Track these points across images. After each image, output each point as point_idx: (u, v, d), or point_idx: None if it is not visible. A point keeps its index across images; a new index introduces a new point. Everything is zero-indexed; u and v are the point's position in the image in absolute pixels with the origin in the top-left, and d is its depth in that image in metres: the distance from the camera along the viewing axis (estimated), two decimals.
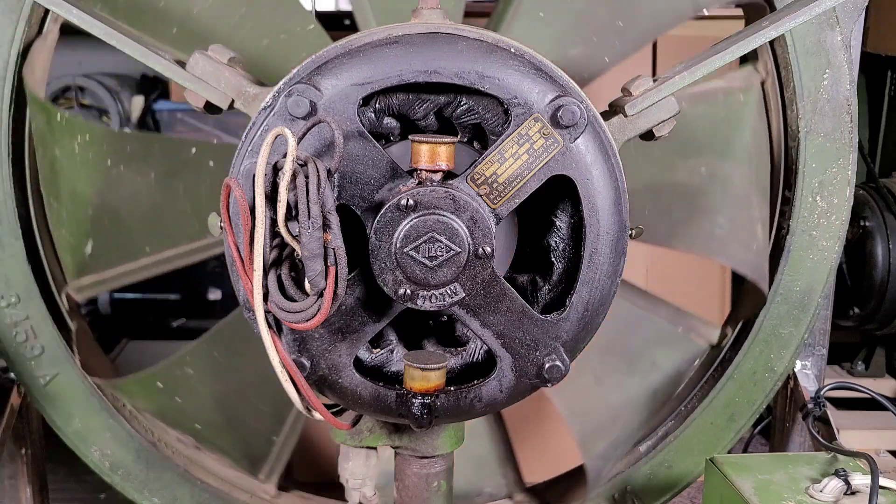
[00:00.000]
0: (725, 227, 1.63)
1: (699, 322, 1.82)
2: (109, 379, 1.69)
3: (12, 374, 1.66)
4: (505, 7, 1.59)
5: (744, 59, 1.66)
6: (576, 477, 1.82)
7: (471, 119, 1.09)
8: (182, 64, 1.17)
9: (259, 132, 1.05)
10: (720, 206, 1.62)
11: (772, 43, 1.56)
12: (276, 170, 0.96)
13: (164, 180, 1.62)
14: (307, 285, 0.97)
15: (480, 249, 1.01)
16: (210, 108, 1.19)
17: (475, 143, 1.14)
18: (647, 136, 1.21)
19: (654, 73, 2.21)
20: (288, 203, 0.95)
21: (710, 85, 1.62)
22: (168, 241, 1.64)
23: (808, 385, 2.00)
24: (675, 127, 1.21)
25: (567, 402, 1.72)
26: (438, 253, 1.01)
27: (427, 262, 1.01)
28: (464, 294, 1.03)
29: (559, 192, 1.09)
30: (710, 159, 1.63)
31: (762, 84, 1.62)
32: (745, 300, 1.70)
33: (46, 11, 1.47)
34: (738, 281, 2.58)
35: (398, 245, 1.01)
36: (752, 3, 1.58)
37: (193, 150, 1.63)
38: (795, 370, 1.87)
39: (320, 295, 0.97)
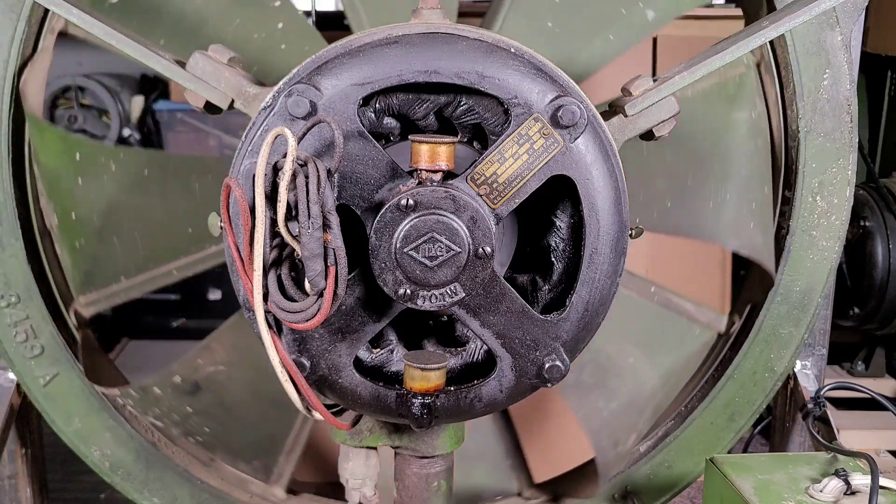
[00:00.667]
0: (726, 210, 1.62)
1: (706, 311, 1.80)
2: (121, 386, 1.69)
3: (12, 374, 1.66)
4: (498, 5, 1.59)
5: None
6: (585, 470, 1.80)
7: (471, 119, 1.09)
8: (182, 64, 1.17)
9: (259, 132, 1.05)
10: (719, 189, 1.61)
11: (772, 43, 1.56)
12: (276, 170, 0.96)
13: (178, 195, 1.64)
14: (307, 285, 0.97)
15: (480, 249, 1.02)
16: (210, 108, 1.19)
17: (475, 143, 1.14)
18: (647, 136, 1.21)
19: (654, 73, 2.21)
20: (288, 203, 0.95)
21: None
22: (170, 254, 1.65)
23: (808, 385, 2.00)
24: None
25: (576, 398, 1.71)
26: (438, 253, 1.01)
27: (427, 262, 1.01)
28: (464, 294, 1.03)
29: (559, 192, 1.09)
30: (705, 141, 1.63)
31: (758, 65, 1.61)
32: (752, 284, 1.69)
33: (46, 11, 1.47)
34: (739, 276, 2.60)
35: (398, 245, 1.01)
36: None
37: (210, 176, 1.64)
38: (795, 370, 1.87)
39: (320, 295, 0.97)
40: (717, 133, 1.62)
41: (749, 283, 1.73)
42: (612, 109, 1.22)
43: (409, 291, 1.02)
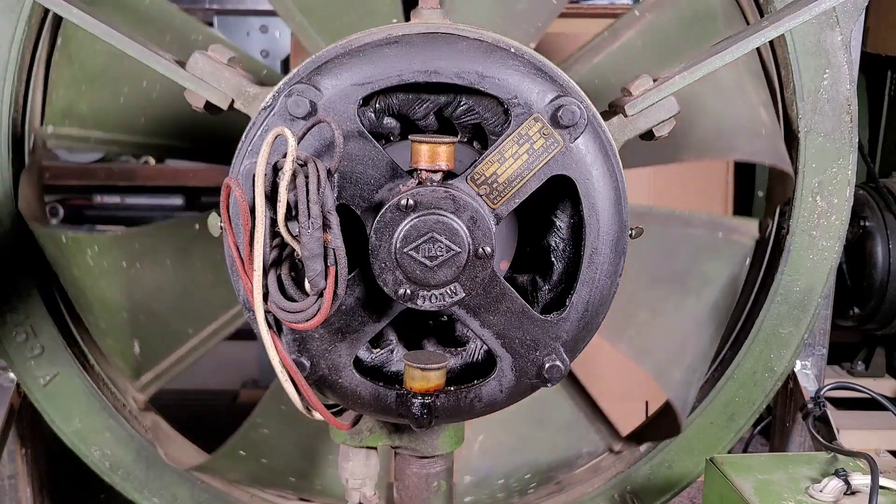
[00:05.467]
0: (727, 122, 1.59)
1: (736, 221, 1.77)
2: (198, 464, 1.70)
3: (12, 374, 1.66)
4: None
5: None
6: (667, 413, 1.78)
7: (471, 119, 1.09)
8: (182, 64, 1.17)
9: (259, 132, 1.05)
10: (715, 102, 1.58)
11: (772, 43, 1.56)
12: (276, 170, 0.96)
13: (181, 262, 1.65)
14: (307, 285, 0.97)
15: (480, 249, 1.01)
16: (210, 108, 1.19)
17: (475, 143, 1.14)
18: (647, 135, 1.21)
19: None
20: (288, 203, 0.95)
21: None
22: (205, 318, 1.67)
23: (808, 385, 2.00)
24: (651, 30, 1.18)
25: (631, 343, 1.67)
26: (438, 253, 1.01)
27: (427, 262, 1.01)
28: (464, 294, 1.03)
29: (559, 192, 1.09)
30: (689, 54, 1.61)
31: None
32: (775, 186, 1.67)
33: (46, 11, 1.47)
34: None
35: (398, 245, 1.01)
36: None
37: (197, 226, 1.65)
38: (795, 370, 1.87)
39: (320, 295, 0.97)
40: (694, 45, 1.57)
41: (773, 187, 1.70)
42: (612, 109, 1.22)
43: (409, 291, 1.02)
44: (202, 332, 1.68)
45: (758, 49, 1.57)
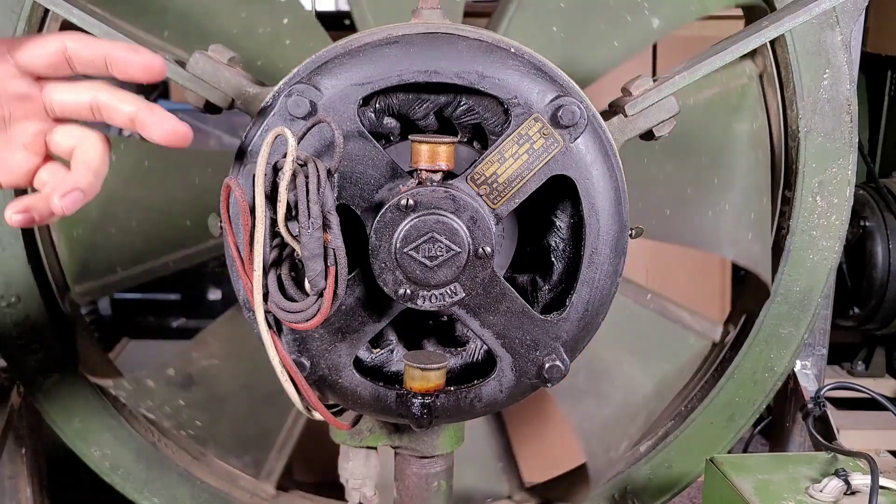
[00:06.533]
0: (724, 220, 1.62)
1: (701, 320, 1.81)
2: (114, 378, 1.68)
3: (12, 374, 1.66)
4: (503, 9, 1.59)
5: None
6: (577, 475, 1.81)
7: (471, 119, 1.09)
8: (182, 64, 1.17)
9: (259, 132, 1.05)
10: (718, 199, 1.62)
11: (772, 43, 1.56)
12: (276, 170, 0.96)
13: (161, 184, 1.63)
14: (307, 285, 0.97)
15: (480, 249, 1.01)
16: (210, 108, 1.19)
17: (475, 143, 1.14)
18: (647, 135, 1.21)
19: (654, 73, 2.21)
20: (288, 203, 0.95)
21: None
22: (167, 246, 1.65)
23: (808, 385, 2.00)
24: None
25: (569, 402, 1.72)
26: (438, 253, 1.01)
27: (427, 262, 1.01)
28: (464, 294, 1.03)
29: (559, 192, 1.09)
30: (706, 152, 1.63)
31: (760, 76, 1.61)
32: (748, 294, 1.70)
33: (46, 11, 1.47)
34: (739, 280, 2.59)
35: (398, 245, 1.01)
36: (752, 4, 1.57)
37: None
38: (795, 370, 1.87)
39: (320, 295, 0.97)
40: (718, 144, 1.62)
41: (745, 293, 1.73)
42: (612, 109, 1.22)
43: (409, 291, 1.02)
44: (159, 259, 1.66)
45: (758, 49, 1.57)
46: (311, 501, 1.86)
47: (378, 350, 1.15)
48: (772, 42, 1.55)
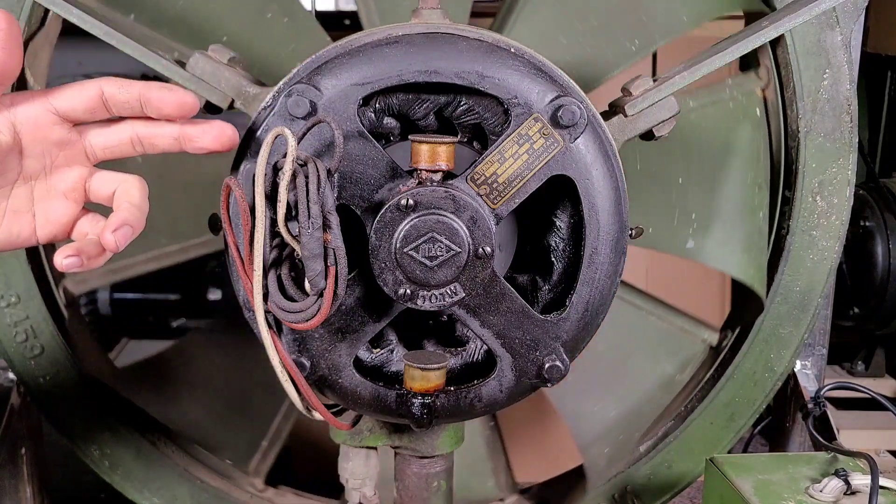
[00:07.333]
0: (720, 232, 1.63)
1: (698, 324, 1.82)
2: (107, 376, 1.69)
3: (12, 374, 1.66)
4: (509, 8, 1.59)
5: (744, 65, 1.67)
6: (572, 477, 1.82)
7: (471, 119, 1.09)
8: (182, 64, 1.17)
9: (259, 132, 1.05)
10: (715, 213, 1.63)
11: (772, 43, 1.56)
12: (276, 170, 0.96)
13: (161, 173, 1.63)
14: (307, 285, 0.97)
15: (480, 249, 1.02)
16: (210, 107, 1.19)
17: (475, 143, 1.14)
18: (647, 135, 1.21)
19: (654, 73, 2.21)
20: (288, 203, 0.95)
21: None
22: (167, 238, 1.66)
23: (808, 385, 2.00)
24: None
25: (566, 403, 1.72)
26: (438, 253, 1.01)
27: (427, 262, 1.01)
28: (464, 294, 1.03)
29: (559, 192, 1.09)
30: (704, 161, 1.63)
31: (763, 91, 1.61)
32: (743, 306, 1.70)
33: (46, 11, 1.47)
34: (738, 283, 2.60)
35: (398, 245, 1.01)
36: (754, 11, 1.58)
37: None
38: (795, 370, 1.87)
39: (320, 295, 0.97)
40: (717, 151, 1.62)
41: (741, 304, 1.73)
42: (612, 109, 1.22)
43: (409, 291, 1.02)
44: (158, 249, 1.67)
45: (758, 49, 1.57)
46: (303, 498, 1.86)
47: (378, 350, 1.15)
48: (772, 42, 1.55)
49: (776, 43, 1.55)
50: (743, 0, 1.59)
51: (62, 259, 0.89)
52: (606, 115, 1.19)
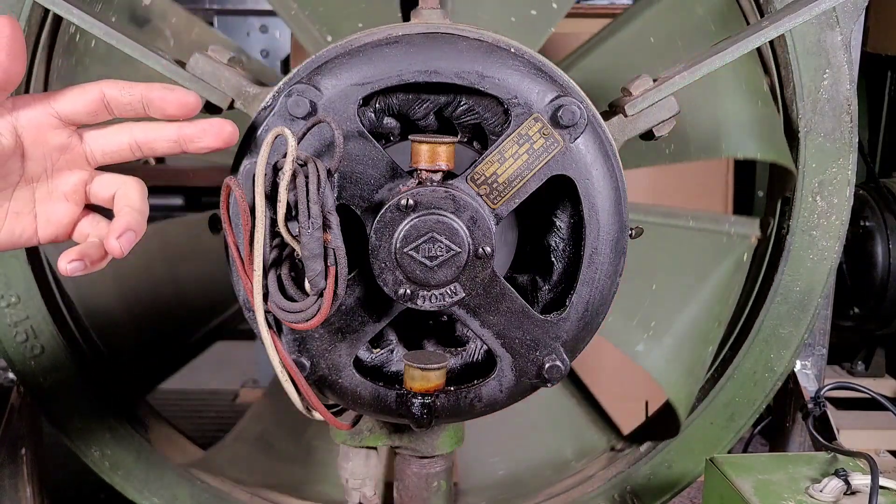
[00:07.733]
0: (669, 349, 1.65)
1: (607, 427, 1.88)
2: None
3: (12, 374, 1.66)
4: None
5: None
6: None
7: (471, 119, 1.09)
8: (182, 64, 1.17)
9: (259, 132, 1.05)
10: (672, 330, 1.67)
11: (772, 43, 1.56)
12: (276, 170, 0.96)
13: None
14: (307, 285, 0.97)
15: (480, 249, 1.02)
16: (210, 108, 1.19)
17: (475, 143, 1.14)
18: (647, 135, 1.21)
19: None
20: (288, 203, 0.95)
21: None
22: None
23: (808, 385, 2.00)
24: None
25: (467, 448, 1.71)
26: (438, 253, 1.01)
27: (427, 262, 1.01)
28: (464, 294, 1.03)
29: (559, 192, 1.09)
30: (682, 279, 1.67)
31: (756, 238, 1.67)
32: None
33: (46, 11, 1.47)
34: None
35: (398, 245, 1.01)
36: None
37: None
38: (795, 370, 1.87)
39: (320, 295, 0.97)
40: (697, 276, 1.65)
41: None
42: (612, 109, 1.22)
43: (409, 291, 1.02)
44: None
45: (758, 49, 1.57)
46: (304, 500, 1.86)
47: (378, 350, 1.15)
48: (772, 42, 1.55)
49: (776, 43, 1.55)
50: None
51: (66, 264, 0.90)
52: (606, 115, 1.19)
